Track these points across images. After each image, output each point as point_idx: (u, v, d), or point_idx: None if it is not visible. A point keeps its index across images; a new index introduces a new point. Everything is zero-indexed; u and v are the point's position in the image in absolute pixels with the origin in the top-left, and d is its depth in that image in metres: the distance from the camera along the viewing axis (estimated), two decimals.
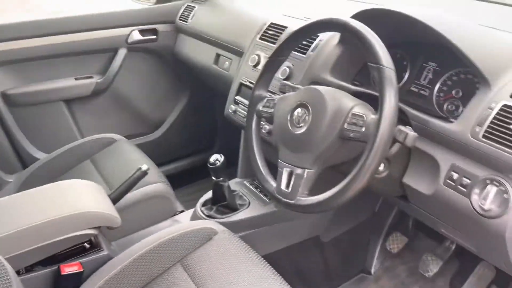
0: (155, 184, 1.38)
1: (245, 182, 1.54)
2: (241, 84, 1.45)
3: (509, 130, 0.79)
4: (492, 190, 0.80)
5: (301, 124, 0.91)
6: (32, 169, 1.53)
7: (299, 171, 0.89)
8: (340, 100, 0.88)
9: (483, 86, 0.88)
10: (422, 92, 1.08)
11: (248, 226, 1.35)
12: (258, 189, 1.49)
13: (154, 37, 1.98)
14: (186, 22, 1.93)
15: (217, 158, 1.29)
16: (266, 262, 1.04)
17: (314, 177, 0.89)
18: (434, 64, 1.07)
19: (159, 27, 1.99)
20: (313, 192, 0.90)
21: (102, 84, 1.91)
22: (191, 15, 1.91)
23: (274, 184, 0.95)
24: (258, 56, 1.41)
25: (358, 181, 0.80)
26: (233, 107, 1.46)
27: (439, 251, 1.44)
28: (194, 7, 1.93)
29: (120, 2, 2.07)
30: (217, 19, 1.80)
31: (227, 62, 1.66)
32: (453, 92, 1.01)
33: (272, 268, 1.02)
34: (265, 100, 1.03)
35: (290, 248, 1.46)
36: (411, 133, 0.81)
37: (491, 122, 0.82)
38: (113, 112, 2.03)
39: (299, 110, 0.92)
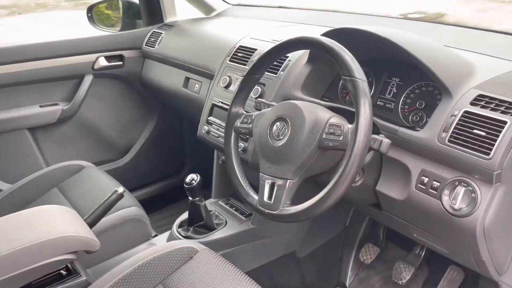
0: (129, 208, 1.35)
1: (220, 202, 1.55)
2: (214, 105, 1.48)
3: (472, 134, 0.87)
4: (461, 190, 0.87)
5: (281, 137, 0.94)
6: None
7: (280, 182, 0.92)
8: (317, 112, 0.93)
9: (445, 96, 0.95)
10: (388, 105, 1.15)
11: (226, 244, 1.35)
12: (234, 208, 1.50)
13: (121, 63, 1.99)
14: (153, 47, 1.95)
15: (193, 178, 1.31)
16: (250, 278, 1.04)
17: (296, 187, 0.92)
18: (397, 79, 1.15)
19: (125, 53, 1.99)
20: (293, 203, 0.92)
21: (68, 111, 1.88)
22: (158, 40, 1.94)
23: (256, 197, 0.98)
24: (229, 77, 1.45)
25: (339, 187, 0.83)
26: (206, 127, 1.48)
27: (410, 258, 1.49)
28: (161, 33, 1.96)
29: (85, 30, 2.06)
30: (185, 43, 1.84)
31: (197, 85, 1.69)
32: (417, 104, 1.09)
33: (257, 284, 1.03)
34: (242, 117, 1.07)
35: (268, 265, 1.47)
36: (385, 140, 0.86)
37: (455, 128, 0.89)
38: (80, 139, 1.99)
39: (278, 123, 0.96)
